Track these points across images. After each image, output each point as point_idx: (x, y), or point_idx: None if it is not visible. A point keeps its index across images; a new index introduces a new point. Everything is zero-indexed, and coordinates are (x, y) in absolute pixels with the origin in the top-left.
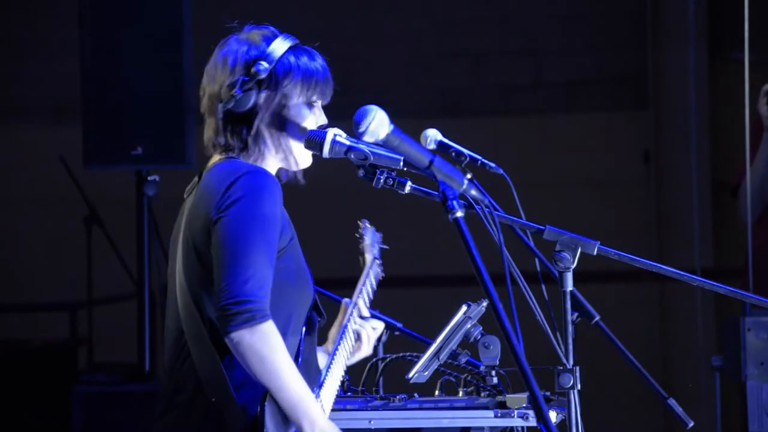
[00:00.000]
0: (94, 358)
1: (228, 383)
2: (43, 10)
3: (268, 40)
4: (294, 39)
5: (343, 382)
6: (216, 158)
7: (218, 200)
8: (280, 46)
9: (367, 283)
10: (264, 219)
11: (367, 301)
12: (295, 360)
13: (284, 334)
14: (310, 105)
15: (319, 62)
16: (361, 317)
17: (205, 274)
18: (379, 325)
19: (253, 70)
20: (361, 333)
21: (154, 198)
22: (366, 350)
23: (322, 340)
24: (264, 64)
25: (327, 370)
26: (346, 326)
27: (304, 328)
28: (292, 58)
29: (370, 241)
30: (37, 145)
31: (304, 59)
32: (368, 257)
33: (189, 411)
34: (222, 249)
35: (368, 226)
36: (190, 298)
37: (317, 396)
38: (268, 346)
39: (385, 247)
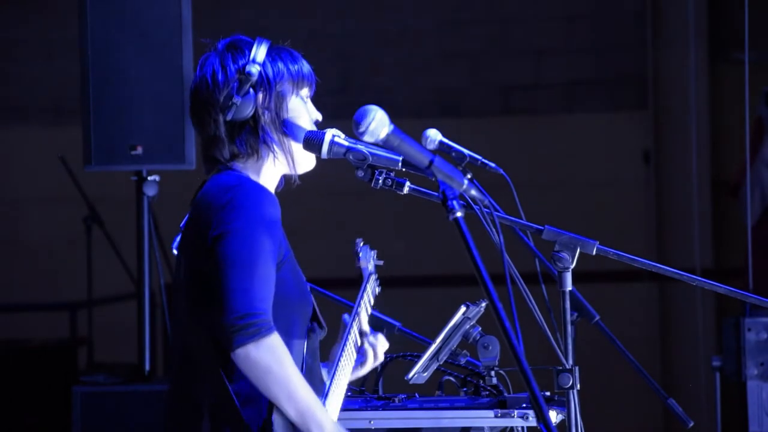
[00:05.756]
0: (94, 358)
1: (234, 400)
2: (43, 10)
3: (248, 47)
4: (268, 41)
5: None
6: (216, 169)
7: (216, 216)
8: (261, 50)
9: (365, 297)
10: (263, 233)
11: (366, 317)
12: (300, 370)
13: (288, 346)
14: (302, 100)
15: (298, 58)
16: (361, 333)
17: (206, 291)
18: (382, 342)
19: (245, 75)
20: (364, 347)
21: (154, 198)
22: (371, 364)
23: (324, 357)
24: (255, 67)
25: (331, 381)
26: (347, 339)
27: (306, 340)
28: (276, 59)
29: (365, 258)
30: (37, 145)
31: (287, 57)
32: (364, 274)
33: (197, 428)
34: (222, 265)
35: (362, 244)
36: (192, 316)
37: (323, 405)
38: (275, 359)
39: (380, 263)
